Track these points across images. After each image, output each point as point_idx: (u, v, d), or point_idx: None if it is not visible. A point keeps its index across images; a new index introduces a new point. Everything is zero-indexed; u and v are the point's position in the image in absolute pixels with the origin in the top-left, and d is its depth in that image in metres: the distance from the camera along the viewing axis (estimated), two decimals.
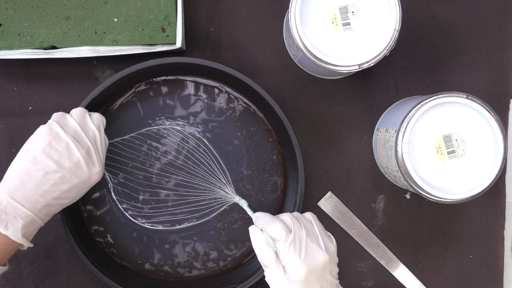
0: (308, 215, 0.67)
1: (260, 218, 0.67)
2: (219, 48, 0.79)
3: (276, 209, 0.78)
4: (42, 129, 0.66)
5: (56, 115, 0.68)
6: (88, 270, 0.76)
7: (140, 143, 0.77)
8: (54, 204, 0.65)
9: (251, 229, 0.66)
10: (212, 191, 0.76)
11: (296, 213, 0.67)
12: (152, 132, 0.77)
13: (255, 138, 0.78)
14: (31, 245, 0.65)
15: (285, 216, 0.65)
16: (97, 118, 0.70)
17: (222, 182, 0.76)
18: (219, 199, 0.76)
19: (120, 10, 0.75)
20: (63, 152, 0.65)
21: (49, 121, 0.67)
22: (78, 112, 0.69)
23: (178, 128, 0.76)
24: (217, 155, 0.76)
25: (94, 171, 0.67)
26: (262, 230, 0.65)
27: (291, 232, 0.63)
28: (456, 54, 0.80)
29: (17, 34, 0.75)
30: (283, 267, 0.63)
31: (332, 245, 0.65)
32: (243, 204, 0.73)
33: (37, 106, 0.78)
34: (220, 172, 0.76)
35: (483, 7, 0.80)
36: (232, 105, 0.77)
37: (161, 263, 0.77)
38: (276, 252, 0.63)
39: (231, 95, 0.77)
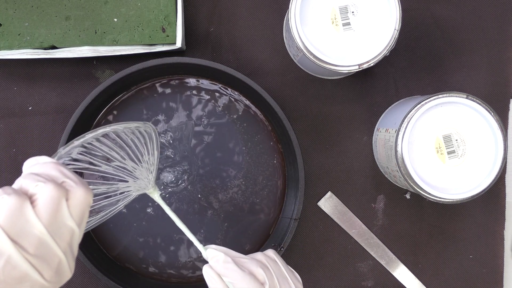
0: (271, 253, 0.60)
1: (224, 269, 0.57)
2: (219, 48, 0.79)
3: (276, 210, 0.78)
4: None
5: (6, 209, 0.40)
6: (88, 270, 0.76)
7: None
8: None
9: (208, 273, 0.57)
10: (133, 178, 0.60)
11: (259, 255, 0.59)
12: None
13: (258, 148, 0.78)
14: None
15: (254, 267, 0.57)
16: (80, 204, 0.44)
17: (146, 169, 0.60)
18: (136, 187, 0.61)
19: (120, 10, 0.75)
20: (16, 285, 0.42)
21: None
22: (48, 199, 0.42)
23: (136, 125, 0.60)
24: (150, 140, 0.60)
25: (62, 283, 0.45)
26: (228, 282, 0.57)
27: (263, 284, 0.57)
28: (456, 54, 0.80)
29: (17, 34, 0.75)
30: None
31: (299, 283, 0.60)
32: (158, 198, 0.60)
33: (37, 106, 0.78)
34: (147, 159, 0.61)
35: (483, 7, 0.80)
36: (236, 114, 0.78)
37: (165, 266, 0.77)
38: None
39: (238, 102, 0.77)
